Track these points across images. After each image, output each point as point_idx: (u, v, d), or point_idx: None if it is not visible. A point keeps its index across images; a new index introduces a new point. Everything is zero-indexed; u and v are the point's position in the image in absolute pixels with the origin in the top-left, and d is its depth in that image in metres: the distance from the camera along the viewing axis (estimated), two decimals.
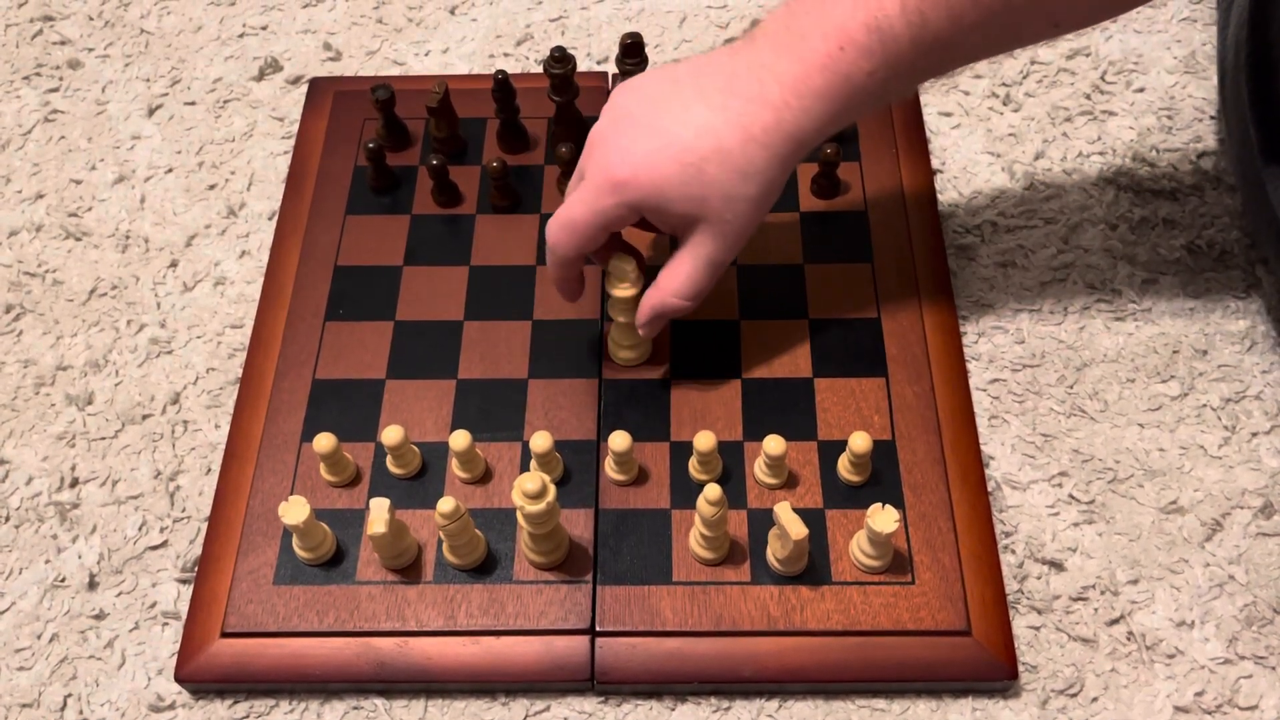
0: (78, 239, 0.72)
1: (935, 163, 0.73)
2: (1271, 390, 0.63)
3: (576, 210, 0.55)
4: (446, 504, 0.52)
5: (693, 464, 0.59)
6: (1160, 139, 0.73)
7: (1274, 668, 0.55)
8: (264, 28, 0.82)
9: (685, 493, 0.58)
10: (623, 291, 0.58)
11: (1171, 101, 0.75)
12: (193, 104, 0.78)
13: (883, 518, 0.52)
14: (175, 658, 0.56)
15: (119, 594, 0.59)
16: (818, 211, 0.69)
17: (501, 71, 0.68)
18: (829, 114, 0.53)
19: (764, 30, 0.54)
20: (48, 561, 0.60)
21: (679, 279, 0.56)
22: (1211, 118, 0.74)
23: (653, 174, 0.53)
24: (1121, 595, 0.57)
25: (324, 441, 0.57)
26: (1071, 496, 0.60)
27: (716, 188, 0.53)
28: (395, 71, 0.79)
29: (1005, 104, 0.75)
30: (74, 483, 0.62)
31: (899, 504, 0.57)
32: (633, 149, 0.54)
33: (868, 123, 0.72)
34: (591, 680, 0.54)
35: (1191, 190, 0.71)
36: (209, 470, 0.62)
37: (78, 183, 0.75)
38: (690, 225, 0.55)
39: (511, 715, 0.55)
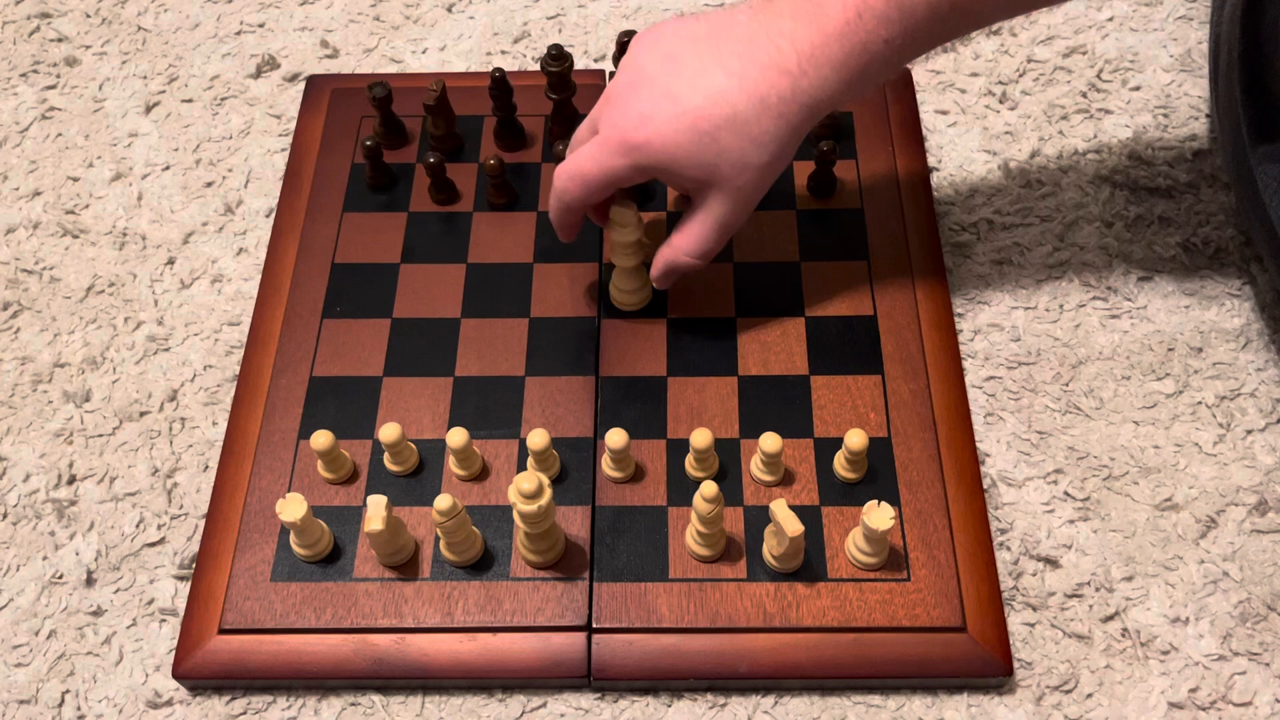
0: (75, 236, 0.72)
1: (931, 160, 0.73)
2: (1266, 388, 0.63)
3: (588, 165, 0.56)
4: (444, 501, 0.53)
5: (689, 461, 0.59)
6: (1156, 137, 0.73)
7: (1268, 664, 0.55)
8: (261, 25, 0.82)
9: (682, 490, 0.58)
10: (624, 236, 0.60)
11: (1167, 100, 0.75)
12: (190, 101, 0.78)
13: (878, 515, 0.53)
14: (173, 654, 0.56)
15: (116, 591, 0.59)
16: (814, 209, 0.69)
17: (499, 69, 0.68)
18: (844, 82, 0.53)
19: None
20: (45, 558, 0.60)
21: (691, 239, 0.58)
22: (1207, 116, 0.74)
23: (665, 140, 0.54)
24: (1116, 592, 0.57)
25: (321, 439, 0.57)
26: (1067, 494, 0.60)
27: (729, 155, 0.54)
28: (392, 69, 0.79)
29: (1001, 102, 0.76)
30: (71, 480, 0.62)
31: (895, 501, 0.58)
32: (648, 113, 0.54)
33: (864, 121, 0.72)
34: (588, 676, 0.54)
35: (1187, 188, 0.71)
36: (206, 467, 0.63)
37: (75, 180, 0.75)
38: (702, 188, 0.56)
39: (508, 711, 0.55)
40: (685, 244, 0.58)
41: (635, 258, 0.62)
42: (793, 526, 0.52)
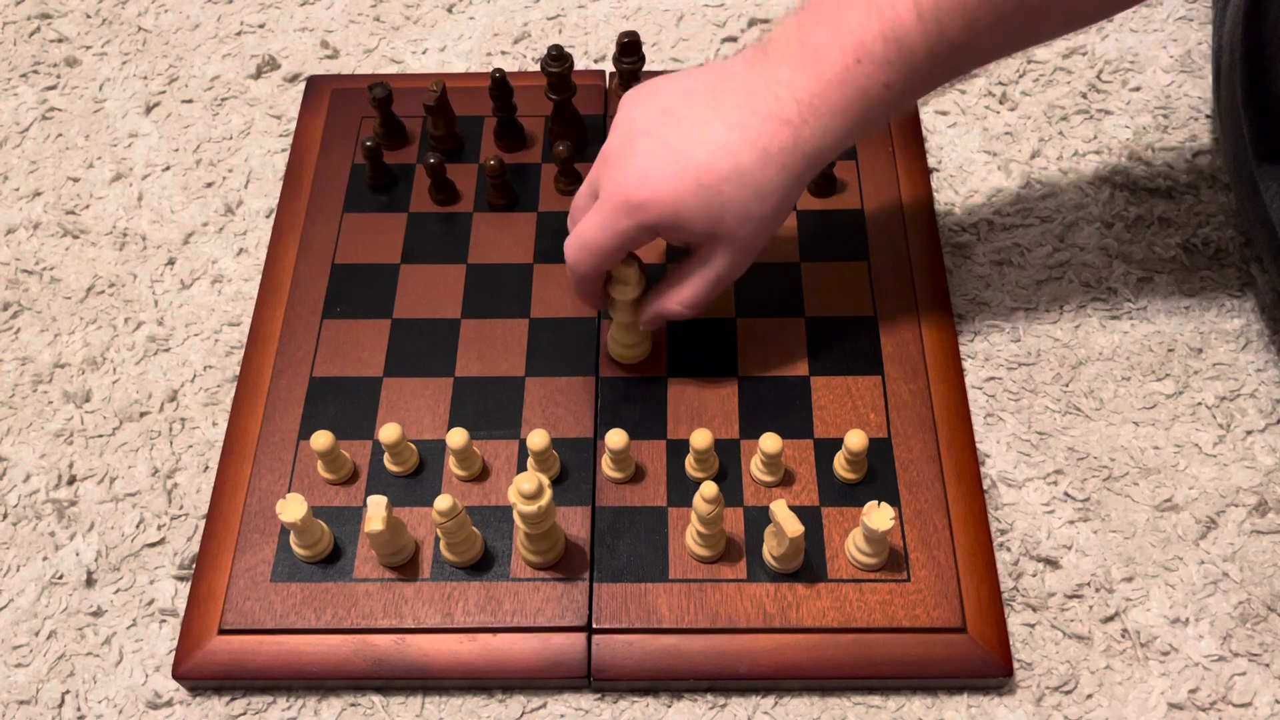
0: (75, 237, 0.72)
1: (932, 161, 0.73)
2: (1266, 388, 0.63)
3: (593, 232, 0.55)
4: (444, 502, 0.53)
5: (689, 462, 0.59)
6: (1156, 138, 0.73)
7: (1268, 665, 0.55)
8: (261, 25, 0.82)
9: (682, 490, 0.58)
10: (624, 295, 0.59)
11: (1167, 100, 0.75)
12: (190, 102, 0.78)
13: (878, 515, 0.53)
14: (173, 655, 0.56)
15: (117, 591, 0.59)
16: (814, 210, 0.69)
17: (499, 70, 0.68)
18: (845, 130, 0.52)
19: (776, 42, 0.53)
20: (45, 559, 0.60)
21: (686, 290, 0.57)
22: (1207, 116, 0.74)
23: (669, 196, 0.52)
24: (1116, 592, 0.57)
25: (321, 439, 0.57)
26: (1067, 494, 0.60)
27: (733, 208, 0.53)
28: (393, 69, 0.79)
29: (1002, 103, 0.76)
30: (71, 480, 0.62)
31: (895, 502, 0.58)
32: (649, 169, 0.53)
33: None
34: (588, 677, 0.54)
35: (1187, 189, 0.71)
36: (206, 468, 0.63)
37: (75, 180, 0.75)
38: (705, 241, 0.55)
39: (508, 712, 0.55)
40: (681, 294, 0.57)
41: (635, 315, 0.60)
42: (793, 527, 0.52)
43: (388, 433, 0.57)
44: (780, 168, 0.52)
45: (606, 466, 0.59)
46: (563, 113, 0.70)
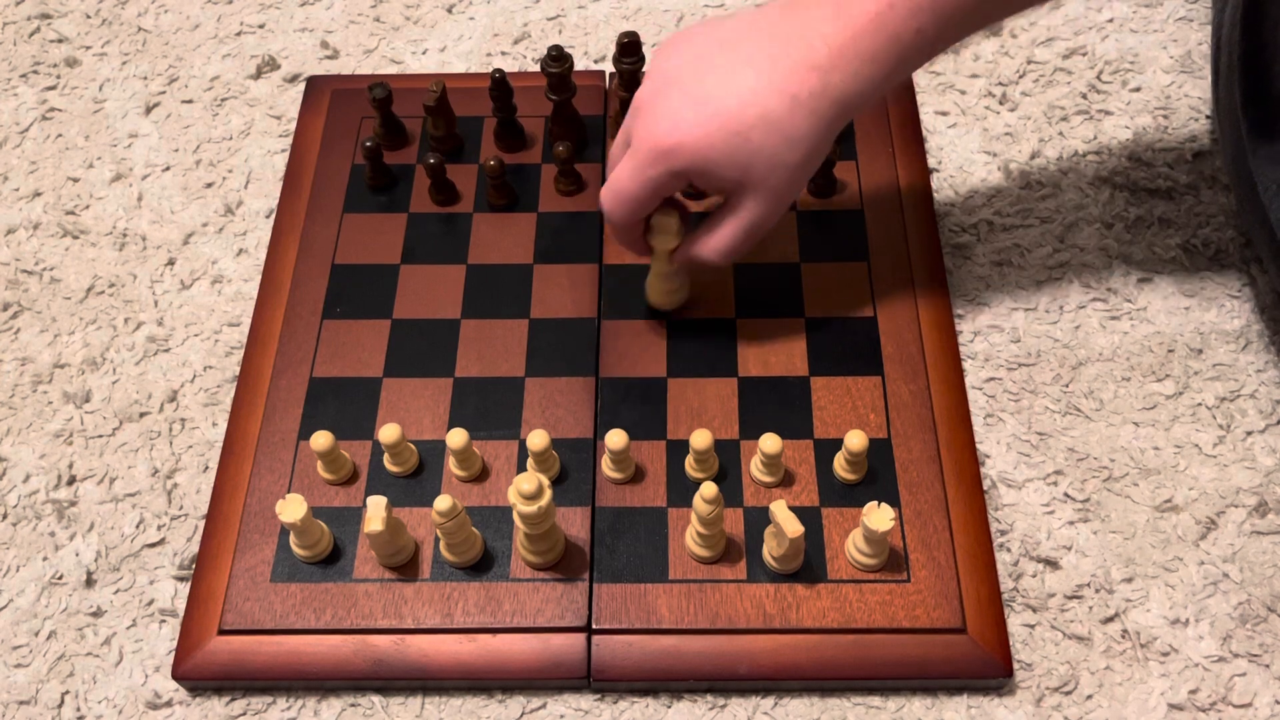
0: (75, 237, 0.72)
1: (931, 162, 0.73)
2: (1266, 389, 0.63)
3: (625, 180, 0.56)
4: (443, 502, 0.53)
5: (689, 462, 0.59)
6: (1156, 138, 0.73)
7: (1268, 665, 0.55)
8: (261, 26, 0.82)
9: (682, 491, 0.58)
10: (663, 244, 0.59)
11: (1167, 101, 0.75)
12: (190, 102, 0.78)
13: (878, 516, 0.53)
14: (172, 655, 0.56)
15: (116, 591, 0.59)
16: (814, 210, 0.69)
17: (499, 70, 0.68)
18: (877, 75, 0.53)
19: None
20: (45, 559, 0.60)
21: (719, 238, 0.57)
22: (1207, 117, 0.74)
23: (698, 142, 0.53)
24: (1116, 593, 0.57)
25: (321, 439, 0.57)
26: (1067, 495, 0.60)
27: (762, 155, 0.53)
28: (393, 70, 0.79)
29: (1001, 103, 0.76)
30: (71, 480, 0.62)
31: (894, 502, 0.58)
32: (678, 116, 0.53)
33: (864, 122, 0.72)
34: (588, 678, 0.54)
35: (1187, 189, 0.71)
36: (206, 468, 0.63)
37: (75, 181, 0.75)
38: (736, 189, 0.55)
39: (508, 713, 0.55)
40: (713, 242, 0.57)
41: (673, 264, 0.61)
42: (793, 527, 0.52)
43: (387, 433, 0.57)
44: (810, 113, 0.52)
45: (606, 467, 0.59)
46: (563, 113, 0.70)
